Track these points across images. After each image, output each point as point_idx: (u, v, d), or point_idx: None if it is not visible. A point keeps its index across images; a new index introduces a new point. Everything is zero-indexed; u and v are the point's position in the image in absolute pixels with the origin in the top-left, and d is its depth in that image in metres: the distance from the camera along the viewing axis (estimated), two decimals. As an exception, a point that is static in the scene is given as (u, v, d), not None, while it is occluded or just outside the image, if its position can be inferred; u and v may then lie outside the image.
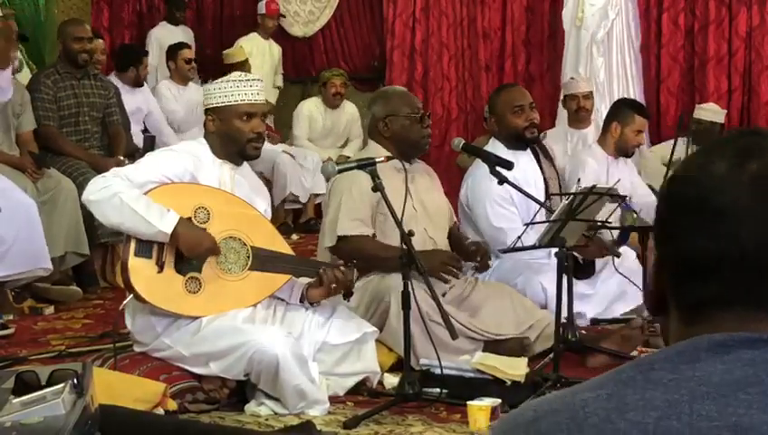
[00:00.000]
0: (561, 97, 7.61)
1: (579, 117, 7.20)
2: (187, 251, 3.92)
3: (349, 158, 8.78)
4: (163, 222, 3.86)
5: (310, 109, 9.34)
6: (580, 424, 1.07)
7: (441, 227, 4.79)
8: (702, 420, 1.02)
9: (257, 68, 9.12)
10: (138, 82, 7.95)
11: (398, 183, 4.54)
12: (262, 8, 9.74)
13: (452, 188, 5.67)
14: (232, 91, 4.15)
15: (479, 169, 5.03)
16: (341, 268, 4.10)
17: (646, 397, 1.06)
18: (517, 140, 5.22)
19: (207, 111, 4.20)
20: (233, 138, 4.15)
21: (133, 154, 6.93)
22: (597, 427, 1.06)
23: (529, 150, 5.33)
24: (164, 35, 9.61)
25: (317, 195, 8.76)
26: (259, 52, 9.53)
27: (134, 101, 7.70)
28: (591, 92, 7.33)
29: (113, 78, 7.79)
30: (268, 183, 8.22)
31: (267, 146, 5.10)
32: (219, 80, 4.33)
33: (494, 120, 5.34)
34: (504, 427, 1.17)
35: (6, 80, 5.66)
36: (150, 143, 7.07)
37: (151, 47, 9.43)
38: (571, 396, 1.12)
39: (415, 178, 4.71)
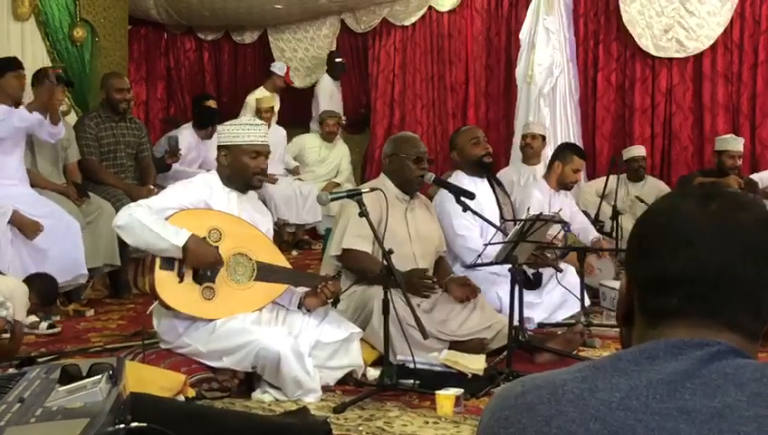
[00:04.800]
0: (521, 135, 7.54)
1: (525, 153, 7.20)
2: (195, 263, 3.90)
3: (339, 184, 8.84)
4: (176, 238, 3.83)
5: (305, 141, 9.34)
6: (558, 398, 1.11)
7: (428, 254, 4.77)
8: (656, 402, 1.06)
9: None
10: (210, 137, 7.83)
11: (399, 211, 4.58)
12: (279, 70, 9.66)
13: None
14: (244, 132, 4.12)
15: (445, 192, 5.04)
16: (332, 282, 4.10)
17: (613, 381, 1.10)
18: (477, 166, 5.24)
19: (221, 148, 4.16)
20: (241, 171, 4.12)
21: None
22: (572, 402, 1.09)
23: (486, 181, 5.35)
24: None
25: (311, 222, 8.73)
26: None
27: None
28: (541, 136, 7.25)
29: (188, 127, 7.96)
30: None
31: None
32: (231, 122, 4.29)
33: (457, 153, 5.37)
34: (498, 397, 1.19)
35: (60, 128, 5.70)
36: (175, 143, 7.09)
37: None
38: (552, 376, 1.16)
39: (414, 209, 4.73)
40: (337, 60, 9.96)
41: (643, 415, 1.05)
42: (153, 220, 3.84)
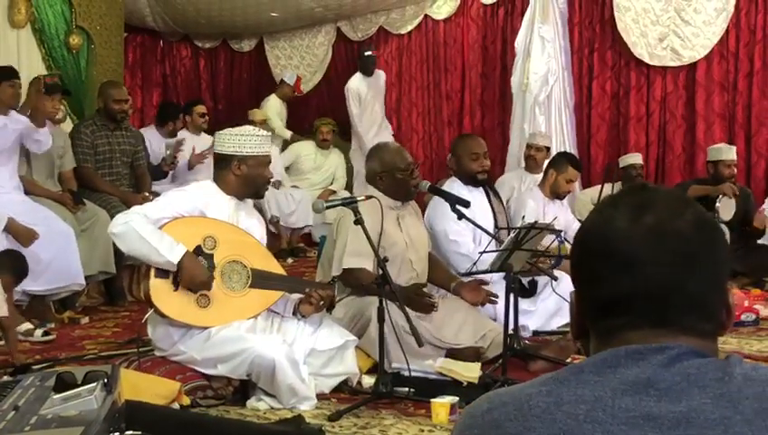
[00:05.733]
0: (525, 145, 7.53)
1: (528, 163, 7.22)
2: (188, 282, 3.89)
3: (335, 192, 8.84)
4: (172, 253, 3.83)
5: (300, 149, 9.34)
6: (524, 414, 1.10)
7: (423, 257, 4.78)
8: (622, 411, 1.06)
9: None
10: (173, 134, 7.83)
11: (393, 219, 4.58)
12: (289, 79, 9.68)
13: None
14: (260, 144, 4.13)
15: (438, 198, 5.05)
16: (324, 288, 4.10)
17: (578, 393, 1.09)
18: (471, 181, 5.25)
19: (233, 157, 4.09)
20: (255, 181, 4.15)
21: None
22: (539, 417, 1.09)
23: (481, 188, 5.36)
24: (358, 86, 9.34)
25: (302, 227, 8.71)
26: (279, 111, 9.60)
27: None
28: (545, 147, 7.26)
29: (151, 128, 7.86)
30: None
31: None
32: (246, 133, 4.19)
33: (455, 160, 5.37)
34: (465, 416, 1.19)
35: (45, 134, 5.63)
36: (177, 145, 7.10)
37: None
38: (518, 391, 1.15)
39: (405, 217, 4.73)
40: (366, 53, 9.37)
41: (611, 426, 1.05)
42: (149, 231, 3.84)
